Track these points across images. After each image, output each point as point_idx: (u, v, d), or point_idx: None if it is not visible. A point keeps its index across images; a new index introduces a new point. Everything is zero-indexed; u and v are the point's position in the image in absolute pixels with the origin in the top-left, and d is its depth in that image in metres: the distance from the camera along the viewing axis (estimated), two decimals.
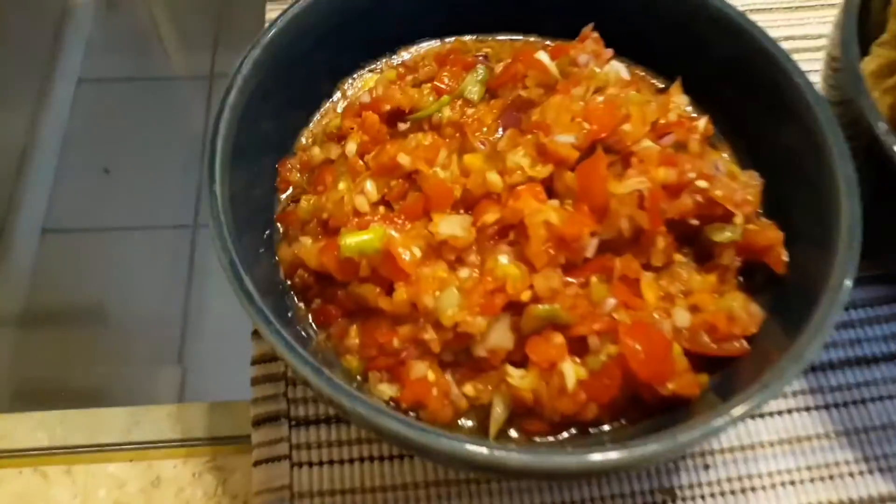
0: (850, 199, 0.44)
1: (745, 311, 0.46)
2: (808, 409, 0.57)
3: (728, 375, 0.45)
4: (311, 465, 0.52)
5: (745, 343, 0.45)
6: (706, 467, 0.54)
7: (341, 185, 0.46)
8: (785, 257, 0.48)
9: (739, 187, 0.48)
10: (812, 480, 0.54)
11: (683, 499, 0.53)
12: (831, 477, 0.54)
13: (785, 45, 0.73)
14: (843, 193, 0.45)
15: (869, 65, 0.60)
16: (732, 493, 0.53)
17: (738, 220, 0.47)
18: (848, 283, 0.41)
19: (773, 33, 0.75)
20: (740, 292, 0.48)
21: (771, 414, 0.56)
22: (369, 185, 0.46)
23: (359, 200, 0.46)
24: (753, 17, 0.75)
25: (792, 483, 0.54)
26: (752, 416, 0.54)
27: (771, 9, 0.79)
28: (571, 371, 0.42)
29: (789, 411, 0.57)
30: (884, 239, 0.55)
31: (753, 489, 0.53)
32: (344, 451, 0.53)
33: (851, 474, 0.55)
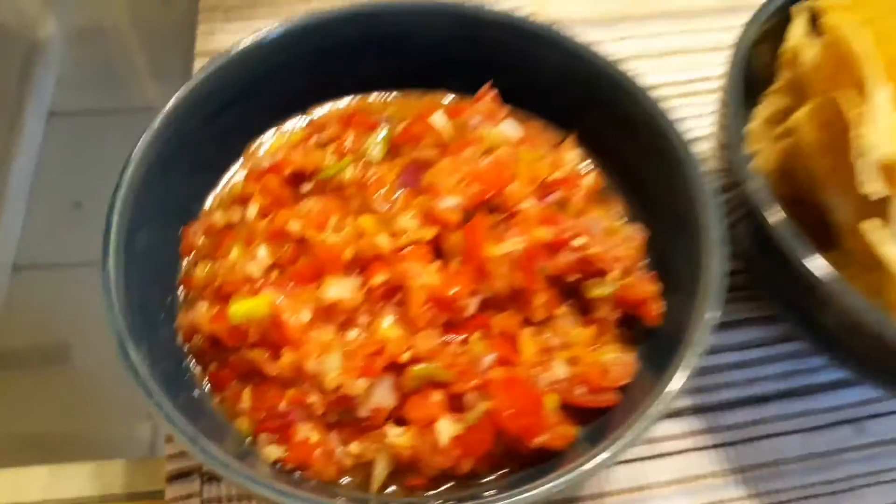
0: (717, 257, 0.47)
1: (618, 364, 0.48)
2: (701, 448, 0.59)
3: (601, 425, 0.47)
4: None
5: (616, 394, 0.48)
6: None
7: (234, 253, 0.49)
8: (659, 310, 0.50)
9: (617, 243, 0.51)
10: None
11: None
12: None
13: (685, 87, 0.77)
14: (710, 252, 0.47)
15: (762, 112, 0.63)
16: None
17: (614, 275, 0.50)
18: (704, 339, 0.44)
19: (680, 76, 0.79)
20: (616, 344, 0.50)
21: (664, 455, 0.59)
22: (262, 251, 0.48)
23: (251, 266, 0.48)
24: (651, 61, 0.79)
25: None
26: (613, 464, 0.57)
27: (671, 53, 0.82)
28: (447, 428, 0.45)
29: (683, 451, 0.59)
30: (765, 283, 0.58)
31: None
32: None
33: None
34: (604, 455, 0.40)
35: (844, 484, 0.59)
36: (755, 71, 0.64)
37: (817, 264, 0.48)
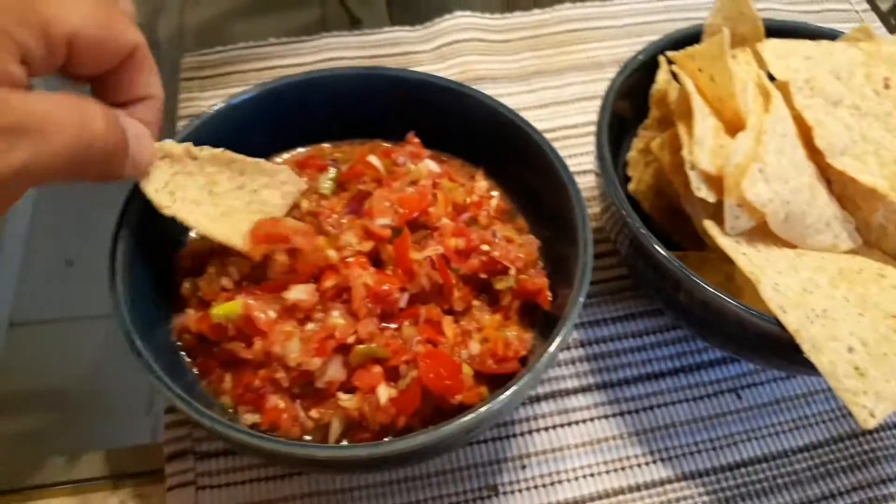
0: (587, 256, 0.61)
1: (517, 339, 0.62)
2: (607, 416, 0.73)
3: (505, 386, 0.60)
4: (212, 487, 0.66)
5: (517, 363, 0.61)
6: (523, 467, 0.69)
7: (210, 270, 0.62)
8: (548, 298, 0.64)
9: (514, 249, 0.65)
10: (608, 472, 0.69)
11: (504, 493, 0.67)
12: (623, 468, 0.70)
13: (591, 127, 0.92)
14: (581, 252, 0.61)
15: (637, 144, 0.78)
16: (544, 486, 0.68)
17: (512, 272, 0.64)
18: (572, 319, 0.58)
19: (586, 118, 0.95)
20: (517, 326, 0.64)
21: (576, 423, 0.72)
22: (231, 269, 0.62)
23: (224, 281, 0.61)
24: (563, 107, 0.94)
25: (592, 475, 0.69)
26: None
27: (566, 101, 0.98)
28: (384, 392, 0.57)
29: (592, 419, 0.72)
30: (643, 280, 0.71)
31: (561, 482, 0.69)
32: (238, 476, 0.67)
33: (640, 465, 0.70)
34: (496, 400, 0.54)
35: (725, 441, 0.72)
36: (633, 110, 0.79)
37: (667, 256, 0.63)
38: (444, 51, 1.01)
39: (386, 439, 0.58)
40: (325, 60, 1.00)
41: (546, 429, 0.71)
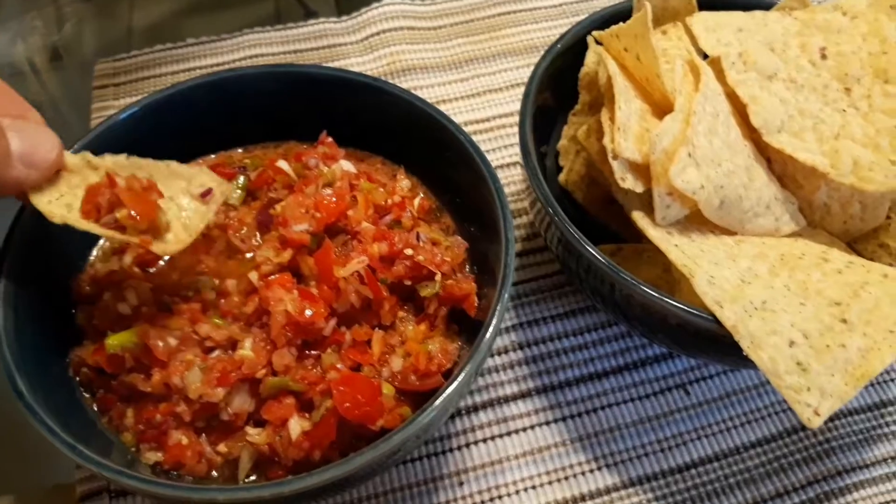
0: (508, 256, 0.57)
1: (441, 351, 0.58)
2: (548, 422, 0.69)
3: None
4: None
5: (440, 378, 0.57)
6: (461, 484, 0.65)
7: (106, 296, 0.57)
8: (475, 303, 0.60)
9: (440, 252, 0.60)
10: (551, 483, 0.66)
11: None
12: (566, 478, 0.66)
13: (502, 120, 0.87)
14: (503, 251, 0.57)
15: (567, 131, 0.74)
16: (483, 502, 0.64)
17: (438, 277, 0.59)
18: (492, 330, 0.53)
19: (493, 110, 0.90)
20: (442, 335, 0.60)
21: (515, 432, 0.68)
22: (130, 294, 0.57)
23: (121, 307, 0.56)
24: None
25: (534, 487, 0.65)
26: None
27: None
28: (296, 425, 0.53)
29: (532, 427, 0.68)
30: (575, 276, 0.67)
31: (501, 497, 0.65)
32: None
33: (584, 473, 0.66)
34: (412, 423, 0.49)
35: (673, 441, 0.68)
36: (565, 95, 0.75)
37: (598, 256, 0.58)
38: (371, 41, 0.96)
39: (291, 477, 0.54)
40: (245, 58, 0.95)
41: (485, 440, 0.67)
